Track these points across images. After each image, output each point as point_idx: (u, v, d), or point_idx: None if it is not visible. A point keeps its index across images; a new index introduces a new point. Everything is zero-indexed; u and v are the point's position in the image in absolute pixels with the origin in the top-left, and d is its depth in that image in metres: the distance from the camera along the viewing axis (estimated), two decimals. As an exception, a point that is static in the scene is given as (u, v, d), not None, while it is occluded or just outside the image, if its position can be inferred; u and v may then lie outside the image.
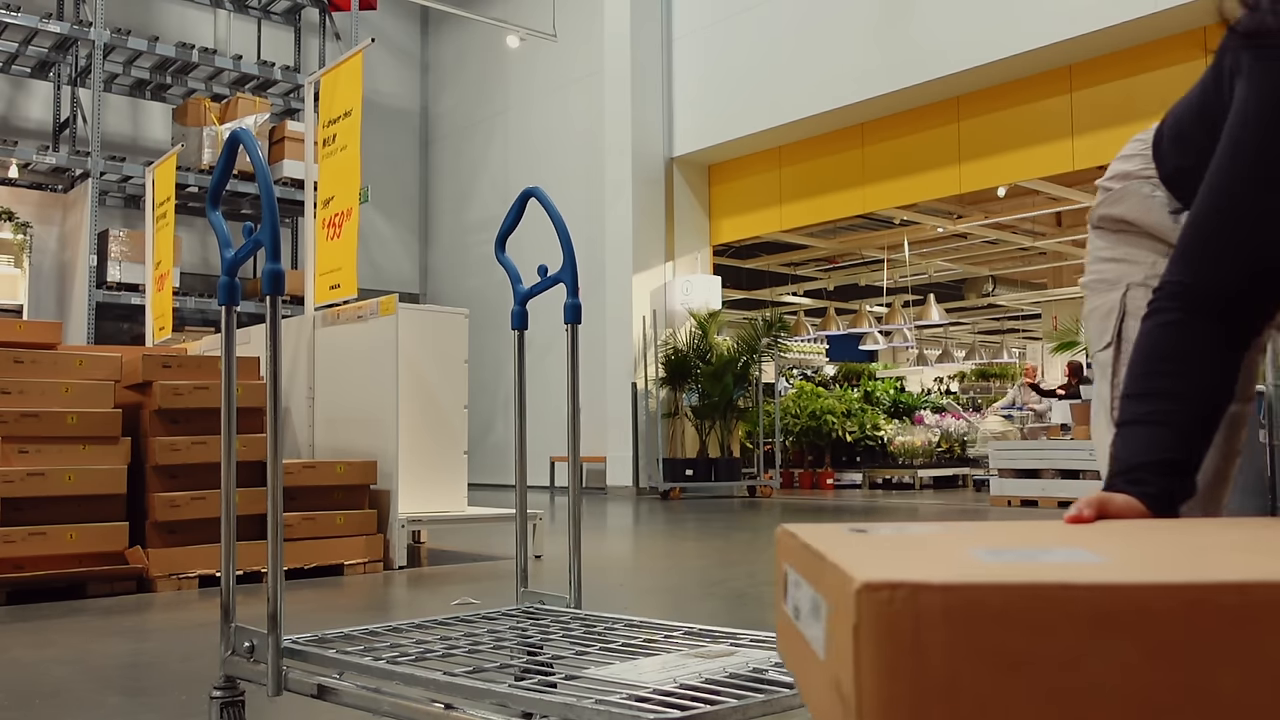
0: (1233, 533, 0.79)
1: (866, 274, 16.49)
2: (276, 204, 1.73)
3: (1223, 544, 0.72)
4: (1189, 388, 1.09)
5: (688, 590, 4.10)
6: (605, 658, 1.52)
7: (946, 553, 0.66)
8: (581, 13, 12.90)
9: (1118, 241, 1.38)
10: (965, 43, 9.23)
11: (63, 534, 3.96)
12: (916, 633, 0.52)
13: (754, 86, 11.05)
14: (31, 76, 11.92)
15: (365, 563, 4.63)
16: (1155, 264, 1.34)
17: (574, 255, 2.12)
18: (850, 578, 0.54)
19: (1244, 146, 1.13)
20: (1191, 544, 0.72)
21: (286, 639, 1.66)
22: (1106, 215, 1.39)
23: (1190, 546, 0.71)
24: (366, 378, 5.11)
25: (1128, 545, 0.72)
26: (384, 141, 14.46)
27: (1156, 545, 0.72)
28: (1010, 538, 0.72)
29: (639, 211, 11.70)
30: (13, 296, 10.74)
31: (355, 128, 5.36)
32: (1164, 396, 1.09)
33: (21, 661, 2.77)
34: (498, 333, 12.79)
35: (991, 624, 0.52)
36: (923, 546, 0.69)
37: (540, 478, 12.14)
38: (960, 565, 0.59)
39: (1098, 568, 0.57)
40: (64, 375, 4.24)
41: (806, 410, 12.80)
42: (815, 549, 0.65)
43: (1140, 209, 1.36)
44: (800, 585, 0.69)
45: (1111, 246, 1.39)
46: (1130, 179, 1.38)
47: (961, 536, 0.73)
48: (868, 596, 0.53)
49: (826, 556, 0.62)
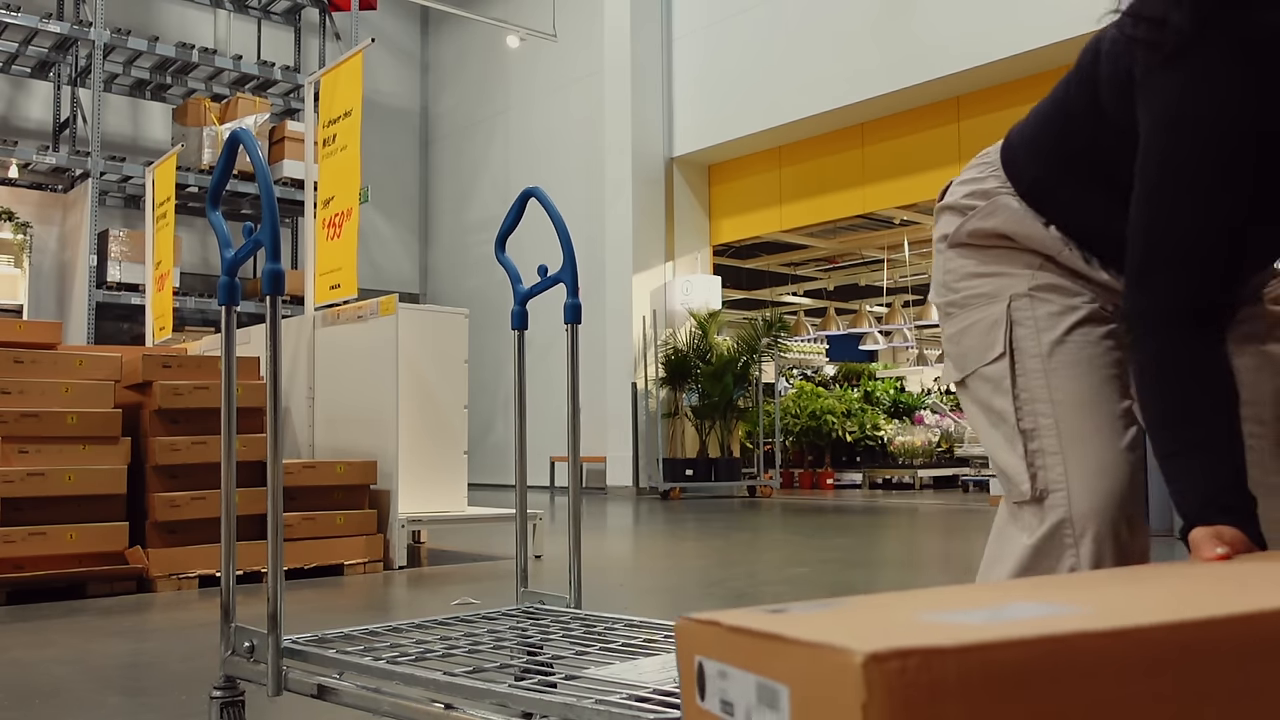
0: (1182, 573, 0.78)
1: (866, 274, 16.50)
2: (276, 204, 1.73)
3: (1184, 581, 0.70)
4: (1214, 402, 1.09)
5: (688, 590, 4.10)
6: (605, 658, 1.52)
7: (909, 619, 0.60)
8: (581, 13, 12.90)
9: (989, 257, 1.38)
10: (965, 42, 9.23)
11: (63, 534, 3.96)
12: (933, 704, 0.48)
13: (754, 86, 11.05)
14: (31, 76, 11.92)
15: (365, 563, 4.63)
16: (1034, 275, 1.35)
17: (574, 255, 2.12)
18: (844, 650, 0.49)
19: (1178, 153, 1.12)
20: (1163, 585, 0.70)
21: (286, 639, 1.66)
22: (978, 230, 1.38)
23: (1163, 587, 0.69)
24: (366, 378, 5.11)
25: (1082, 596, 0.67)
26: (384, 141, 14.46)
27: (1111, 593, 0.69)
28: (954, 601, 0.66)
29: (639, 211, 11.70)
30: (13, 296, 10.74)
31: (355, 128, 5.37)
32: (1197, 420, 1.08)
33: (21, 661, 2.77)
34: (498, 333, 12.79)
35: (1009, 685, 0.49)
36: (873, 617, 0.62)
37: (540, 478, 12.14)
38: (943, 630, 0.53)
39: (1085, 618, 0.54)
40: (64, 375, 4.24)
41: (806, 410, 12.80)
42: (760, 630, 0.58)
43: (1014, 222, 1.36)
44: (731, 675, 0.60)
45: (982, 263, 1.38)
46: (993, 195, 1.38)
47: (903, 604, 0.67)
48: (878, 669, 0.48)
49: (785, 635, 0.55)
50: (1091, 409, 1.28)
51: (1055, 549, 1.27)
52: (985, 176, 1.41)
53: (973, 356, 1.38)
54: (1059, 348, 1.31)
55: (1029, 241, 1.36)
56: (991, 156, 1.44)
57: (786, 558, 5.17)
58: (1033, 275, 1.35)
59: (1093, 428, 1.28)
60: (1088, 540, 1.25)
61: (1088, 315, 1.33)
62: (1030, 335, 1.32)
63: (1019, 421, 1.30)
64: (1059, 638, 0.50)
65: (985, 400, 1.36)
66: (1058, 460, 1.27)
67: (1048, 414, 1.29)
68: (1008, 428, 1.32)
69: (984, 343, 1.36)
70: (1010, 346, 1.33)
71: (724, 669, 0.61)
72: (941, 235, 1.45)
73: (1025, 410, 1.30)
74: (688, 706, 0.67)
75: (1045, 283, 1.35)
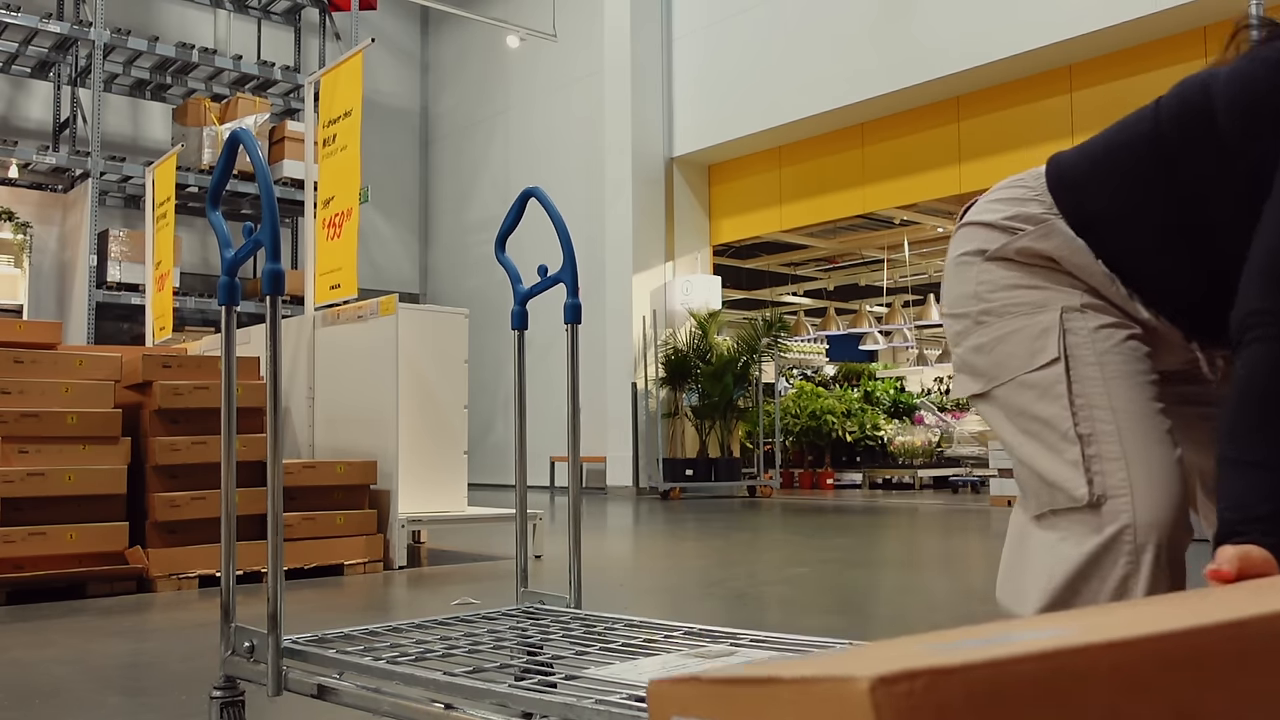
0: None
1: (866, 274, 16.49)
2: (276, 204, 1.72)
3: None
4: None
5: (688, 590, 4.10)
6: (605, 658, 1.52)
7: (905, 651, 0.57)
8: (581, 13, 12.90)
9: (1035, 273, 1.38)
10: (965, 42, 9.23)
11: (63, 534, 3.96)
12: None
13: (754, 86, 11.05)
14: (31, 76, 11.92)
15: (365, 563, 4.63)
16: (1083, 295, 1.36)
17: (574, 255, 2.12)
18: (847, 679, 0.47)
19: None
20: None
21: (286, 639, 1.66)
22: (1029, 249, 1.38)
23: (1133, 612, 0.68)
24: (366, 378, 5.11)
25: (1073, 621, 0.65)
26: (384, 141, 14.46)
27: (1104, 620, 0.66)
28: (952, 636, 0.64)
29: (639, 211, 11.70)
30: (13, 296, 10.74)
31: (355, 128, 5.37)
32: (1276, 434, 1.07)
33: (21, 661, 2.77)
34: (498, 333, 12.79)
35: (1018, 702, 0.48)
36: (869, 653, 0.59)
37: (540, 478, 12.14)
38: (944, 653, 0.52)
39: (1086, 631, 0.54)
40: (64, 375, 4.24)
41: (806, 410, 12.79)
42: (750, 677, 0.55)
43: (1067, 249, 1.37)
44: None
45: (1028, 277, 1.38)
46: (1044, 220, 1.39)
47: (899, 644, 0.63)
48: (885, 691, 0.46)
49: (780, 676, 0.53)
50: (1151, 416, 1.29)
51: (1112, 557, 1.25)
52: (1028, 199, 1.41)
53: (1012, 364, 1.36)
54: (1116, 356, 1.31)
55: (1078, 270, 1.37)
56: (1030, 182, 1.44)
57: (786, 558, 5.17)
58: (1082, 295, 1.36)
59: (1153, 434, 1.28)
60: (1150, 549, 1.24)
61: (1138, 334, 1.35)
62: (1085, 343, 1.32)
63: (1076, 426, 1.29)
64: (1069, 650, 0.49)
65: (1024, 408, 1.35)
66: (1119, 466, 1.26)
67: (1107, 420, 1.28)
68: (1053, 434, 1.31)
69: (1030, 349, 1.35)
70: (1065, 352, 1.32)
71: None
72: (976, 250, 1.44)
73: (1082, 415, 1.29)
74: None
75: (1094, 303, 1.36)
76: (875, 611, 3.68)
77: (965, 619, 3.19)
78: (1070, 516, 1.29)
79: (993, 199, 1.46)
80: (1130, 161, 1.36)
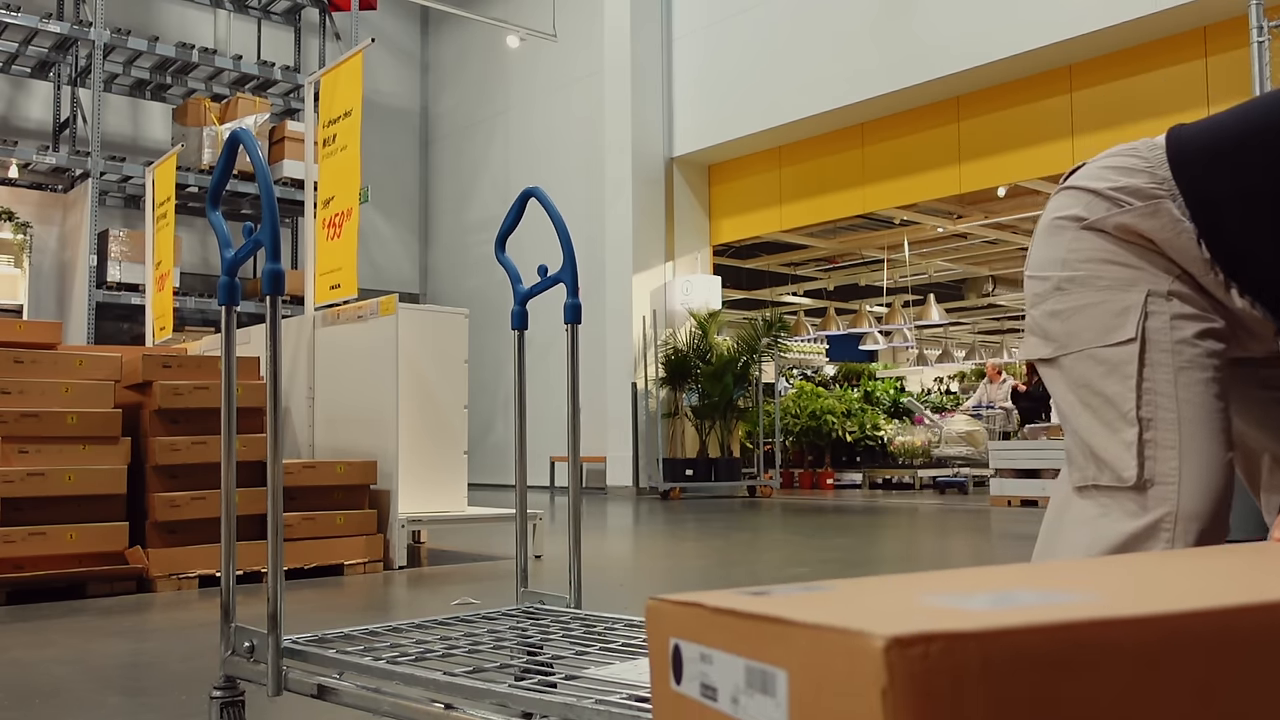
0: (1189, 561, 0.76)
1: (866, 274, 16.49)
2: (276, 204, 1.72)
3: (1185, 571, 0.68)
4: None
5: (688, 590, 4.09)
6: (605, 658, 1.52)
7: (912, 603, 0.56)
8: (581, 13, 12.90)
9: (1130, 251, 1.36)
10: (965, 43, 9.23)
11: (63, 534, 3.96)
12: (955, 689, 0.46)
13: (754, 86, 11.05)
14: (31, 76, 11.92)
15: (365, 563, 4.63)
16: (1173, 282, 1.35)
17: (574, 255, 2.12)
18: (863, 634, 0.46)
19: None
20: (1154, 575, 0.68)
21: (286, 639, 1.66)
22: (1127, 226, 1.36)
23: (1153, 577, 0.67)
24: (366, 378, 5.11)
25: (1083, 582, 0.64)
26: (384, 141, 14.47)
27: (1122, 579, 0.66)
28: (948, 584, 0.63)
29: (639, 211, 11.70)
30: (13, 296, 10.74)
31: (355, 128, 5.36)
32: None
33: (21, 661, 2.77)
34: (498, 333, 12.79)
35: (1033, 671, 0.47)
36: (873, 600, 0.59)
37: (540, 478, 12.14)
38: (955, 614, 0.51)
39: (1098, 605, 0.53)
40: (64, 375, 4.24)
41: (806, 410, 12.80)
42: (754, 612, 0.54)
43: (1170, 232, 1.34)
44: (715, 659, 0.57)
45: (1121, 252, 1.37)
46: (1154, 198, 1.35)
47: (896, 586, 0.64)
48: (900, 653, 0.45)
49: (788, 618, 0.52)
50: (1212, 414, 1.30)
51: (1150, 542, 1.27)
52: (1139, 170, 1.37)
53: (1085, 336, 1.36)
54: (1190, 349, 1.31)
55: (1175, 253, 1.35)
56: (1145, 153, 1.39)
57: (787, 558, 5.17)
58: (1171, 281, 1.35)
59: (1211, 432, 1.29)
60: (1187, 540, 1.25)
61: (1218, 330, 1.34)
62: (1164, 330, 1.32)
63: (1138, 409, 1.30)
64: (1093, 623, 0.49)
65: (1089, 381, 1.35)
66: (1172, 455, 1.27)
67: (1170, 408, 1.29)
68: (1112, 412, 1.32)
69: (1107, 324, 1.34)
70: (1142, 335, 1.32)
71: (705, 652, 0.58)
72: (1075, 216, 1.40)
73: (1146, 400, 1.30)
74: (658, 690, 0.63)
75: (1182, 291, 1.35)
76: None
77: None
78: (1113, 494, 1.30)
79: (1103, 164, 1.42)
80: (1271, 141, 1.31)
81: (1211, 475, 1.27)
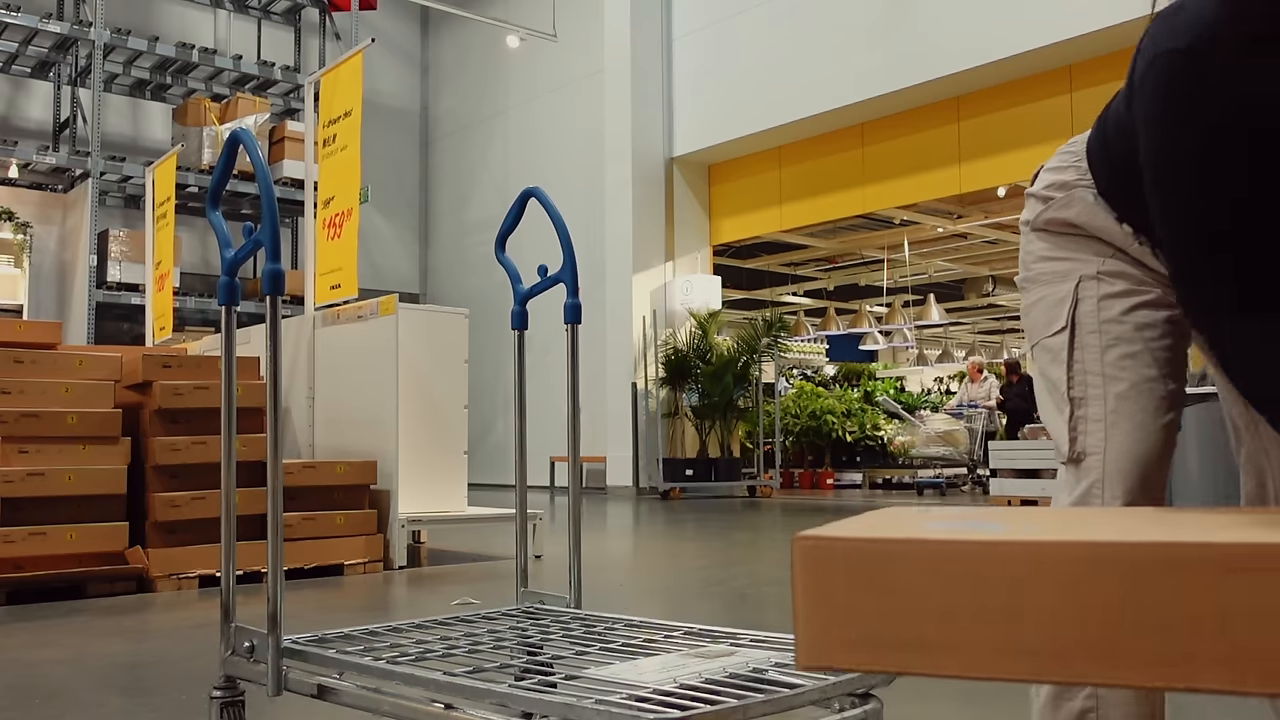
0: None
1: (866, 274, 16.49)
2: (276, 204, 1.72)
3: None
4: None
5: (688, 590, 4.10)
6: (605, 658, 1.52)
7: (911, 523, 0.83)
8: (581, 13, 12.90)
9: (1063, 243, 1.49)
10: (965, 42, 9.23)
11: (63, 534, 3.96)
12: (830, 567, 0.76)
13: (754, 86, 11.05)
14: (31, 76, 11.92)
15: (365, 563, 4.63)
16: (1104, 262, 1.46)
17: (574, 255, 2.12)
18: (800, 537, 0.78)
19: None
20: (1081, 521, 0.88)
21: (286, 639, 1.66)
22: (1055, 219, 1.49)
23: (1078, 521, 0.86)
24: (366, 378, 5.11)
25: (1033, 522, 0.84)
26: (384, 141, 14.46)
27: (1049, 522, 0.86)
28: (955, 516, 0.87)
29: (639, 211, 11.70)
30: (13, 296, 10.74)
31: (355, 128, 5.37)
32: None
33: (21, 661, 2.77)
34: (498, 333, 12.79)
35: (865, 559, 0.76)
36: (887, 523, 0.84)
37: (540, 478, 12.14)
38: (894, 529, 0.79)
39: (978, 532, 0.75)
40: (64, 375, 4.24)
41: (806, 410, 12.80)
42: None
43: (1088, 214, 1.46)
44: None
45: (1056, 248, 1.50)
46: (1071, 188, 1.48)
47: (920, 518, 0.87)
48: (798, 545, 0.77)
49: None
50: (1141, 385, 1.40)
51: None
52: (1067, 167, 1.51)
53: (1037, 330, 1.51)
54: (1117, 326, 1.43)
55: (1101, 232, 1.47)
56: (1077, 146, 1.53)
57: (787, 558, 5.17)
58: (1102, 261, 1.47)
59: (1141, 404, 1.40)
60: (1115, 504, 1.37)
61: (1150, 300, 1.43)
62: (1091, 313, 1.44)
63: (1069, 390, 1.43)
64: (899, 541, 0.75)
65: (1044, 370, 1.49)
66: (1100, 428, 1.40)
67: (1098, 385, 1.41)
68: (1059, 395, 1.45)
69: (1049, 317, 1.48)
70: (1072, 322, 1.45)
71: None
72: (1025, 220, 1.56)
73: (1077, 380, 1.43)
74: None
75: (1113, 269, 1.46)
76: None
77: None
78: (1067, 470, 1.44)
79: (1047, 166, 1.56)
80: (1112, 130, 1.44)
81: (1135, 443, 1.38)
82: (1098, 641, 0.68)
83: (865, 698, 1.35)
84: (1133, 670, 0.67)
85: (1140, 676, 0.67)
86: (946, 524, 0.81)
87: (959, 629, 0.72)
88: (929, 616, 0.73)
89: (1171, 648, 0.66)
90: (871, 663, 0.74)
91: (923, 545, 0.74)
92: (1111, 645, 0.68)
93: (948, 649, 0.72)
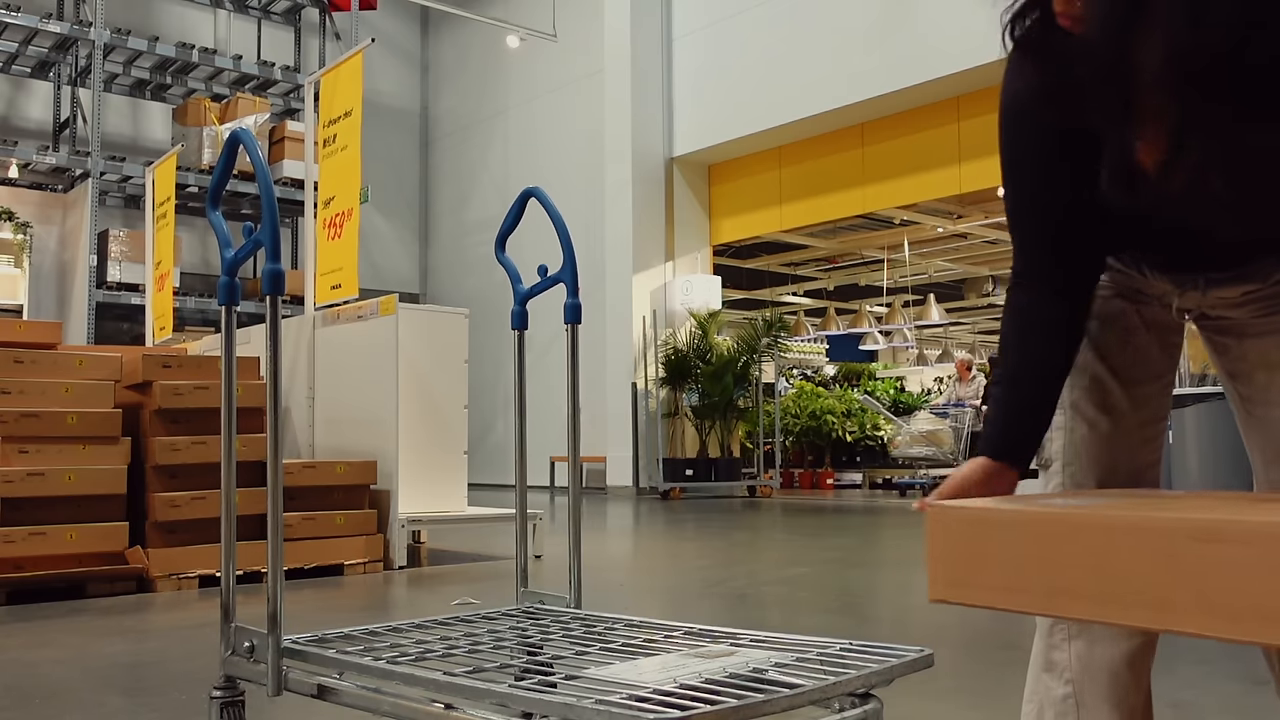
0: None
1: (866, 274, 16.50)
2: (276, 204, 1.72)
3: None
4: (1026, 360, 1.33)
5: (688, 590, 4.10)
6: (605, 658, 1.52)
7: (1029, 498, 1.12)
8: (581, 13, 12.90)
9: None
10: (965, 42, 9.23)
11: (63, 534, 3.96)
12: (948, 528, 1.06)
13: (754, 86, 11.04)
14: (31, 76, 11.92)
15: (365, 563, 4.63)
16: None
17: (574, 255, 2.12)
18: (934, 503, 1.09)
19: None
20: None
21: (286, 639, 1.66)
22: None
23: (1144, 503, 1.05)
24: (366, 378, 5.11)
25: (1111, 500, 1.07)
26: (384, 141, 14.46)
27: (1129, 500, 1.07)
28: (1055, 496, 1.18)
29: (639, 211, 11.70)
30: (13, 296, 10.74)
31: (355, 128, 5.37)
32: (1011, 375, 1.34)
33: (21, 661, 2.77)
34: (498, 333, 12.78)
35: (972, 525, 1.05)
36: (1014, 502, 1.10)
37: (540, 478, 12.14)
38: (1009, 502, 1.08)
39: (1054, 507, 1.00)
40: (64, 375, 4.24)
41: (806, 410, 12.79)
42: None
43: None
44: None
45: None
46: None
47: (1074, 496, 1.16)
48: (930, 512, 1.08)
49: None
50: (1097, 392, 1.41)
51: None
52: None
53: None
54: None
55: None
56: None
57: (787, 558, 5.17)
58: None
59: (1093, 410, 1.41)
60: None
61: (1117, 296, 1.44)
62: None
63: None
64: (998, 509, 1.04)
65: None
66: (1061, 435, 1.43)
67: (1064, 395, 1.42)
68: None
69: None
70: None
71: None
72: None
73: None
74: None
75: None
76: (875, 612, 3.68)
77: (965, 617, 3.19)
78: (1041, 473, 1.49)
79: None
80: None
81: (1092, 445, 1.41)
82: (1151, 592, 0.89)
83: (865, 697, 1.35)
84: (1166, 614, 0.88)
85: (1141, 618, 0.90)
86: (1031, 501, 1.07)
87: (1031, 578, 0.97)
88: (1014, 568, 0.99)
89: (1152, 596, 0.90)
90: (976, 599, 1.02)
91: (1018, 513, 1.01)
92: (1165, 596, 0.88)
93: (1023, 591, 0.98)
